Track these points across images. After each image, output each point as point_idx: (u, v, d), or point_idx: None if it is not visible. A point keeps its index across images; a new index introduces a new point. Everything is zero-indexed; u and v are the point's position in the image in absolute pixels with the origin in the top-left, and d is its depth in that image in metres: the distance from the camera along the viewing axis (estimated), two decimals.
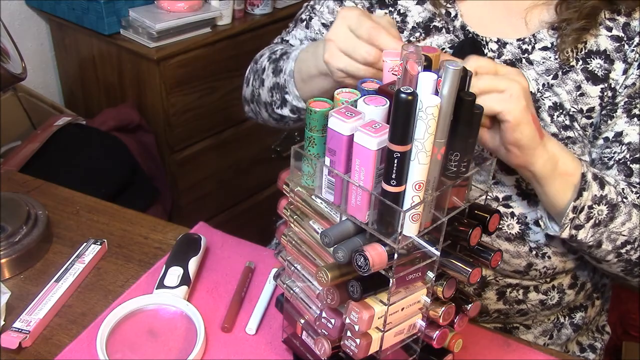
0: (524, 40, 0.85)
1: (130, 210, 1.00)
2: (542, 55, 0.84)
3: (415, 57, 0.55)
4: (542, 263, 0.87)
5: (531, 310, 0.92)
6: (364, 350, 0.61)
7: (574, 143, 0.84)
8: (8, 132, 1.68)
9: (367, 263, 0.56)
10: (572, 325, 0.96)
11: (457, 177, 0.60)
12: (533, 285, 0.90)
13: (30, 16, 1.84)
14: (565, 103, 0.83)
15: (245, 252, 0.92)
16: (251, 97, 1.02)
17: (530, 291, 0.90)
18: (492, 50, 0.86)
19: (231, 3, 1.80)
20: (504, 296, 0.90)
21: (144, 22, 1.65)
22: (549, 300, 0.91)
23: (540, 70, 0.84)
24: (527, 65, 0.85)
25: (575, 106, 0.83)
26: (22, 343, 0.76)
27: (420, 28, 0.90)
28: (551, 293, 0.91)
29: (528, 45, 0.85)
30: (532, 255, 0.87)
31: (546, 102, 0.84)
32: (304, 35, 1.01)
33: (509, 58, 0.85)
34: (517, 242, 0.86)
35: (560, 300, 0.92)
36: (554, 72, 0.84)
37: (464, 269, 0.62)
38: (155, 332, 0.77)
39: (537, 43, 0.85)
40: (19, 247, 0.87)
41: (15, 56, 0.88)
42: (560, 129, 0.83)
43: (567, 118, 0.83)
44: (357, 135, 0.56)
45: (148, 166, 1.75)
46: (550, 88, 0.84)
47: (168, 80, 1.68)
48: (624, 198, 0.79)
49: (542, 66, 0.84)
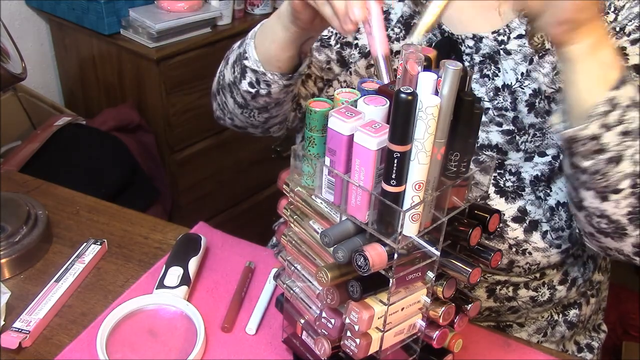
0: (498, 32, 0.86)
1: (130, 210, 1.00)
2: (518, 43, 0.85)
3: (415, 57, 0.55)
4: (523, 259, 0.87)
5: (522, 307, 0.92)
6: (364, 350, 0.61)
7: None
8: (8, 132, 1.68)
9: (367, 263, 0.56)
10: (566, 322, 0.96)
11: (457, 177, 0.60)
12: (523, 282, 0.90)
13: (30, 16, 1.84)
14: (542, 86, 0.84)
15: (245, 252, 0.92)
16: (217, 87, 0.99)
17: (520, 288, 0.91)
18: (469, 46, 0.87)
19: (231, 3, 1.80)
20: (493, 294, 0.91)
21: (144, 22, 1.65)
22: (540, 296, 0.91)
23: (518, 58, 0.85)
24: (505, 56, 0.85)
25: (553, 86, 0.84)
26: (22, 343, 0.76)
27: (401, 24, 0.91)
28: (541, 289, 0.91)
29: (504, 36, 0.85)
30: (512, 253, 0.87)
31: (526, 90, 0.84)
32: None
33: (487, 52, 0.86)
34: (496, 240, 0.86)
35: (552, 296, 0.92)
36: (529, 57, 0.85)
37: (464, 269, 0.62)
38: (155, 332, 0.77)
39: (512, 32, 0.85)
40: (19, 247, 0.87)
41: (15, 56, 0.88)
42: (543, 115, 0.84)
43: (546, 102, 0.84)
44: (357, 135, 0.56)
45: (148, 166, 1.75)
46: (528, 76, 0.85)
47: (168, 80, 1.68)
48: None
49: (520, 54, 0.85)
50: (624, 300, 1.61)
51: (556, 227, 0.87)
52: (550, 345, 0.97)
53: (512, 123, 0.85)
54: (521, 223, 0.86)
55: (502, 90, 0.85)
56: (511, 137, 0.85)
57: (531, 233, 0.86)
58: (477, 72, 0.86)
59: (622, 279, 1.58)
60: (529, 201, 0.86)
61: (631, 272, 1.90)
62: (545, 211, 0.87)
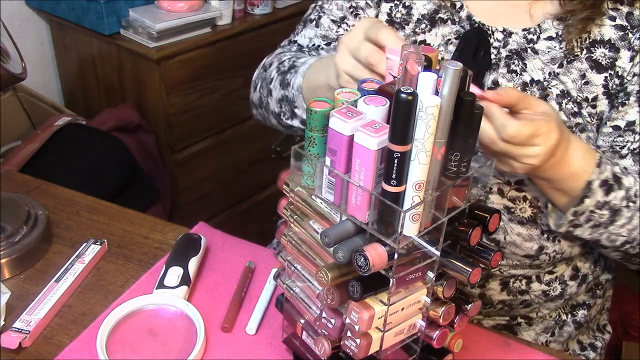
0: (529, 31, 0.87)
1: (130, 210, 1.00)
2: (547, 45, 0.86)
3: (415, 57, 0.55)
4: (552, 247, 0.88)
5: (534, 302, 0.93)
6: (364, 350, 0.61)
7: (582, 131, 0.85)
8: (8, 132, 1.68)
9: (367, 263, 0.56)
10: (574, 322, 0.97)
11: (457, 177, 0.60)
12: (535, 275, 0.91)
13: (30, 16, 1.84)
14: (572, 91, 0.85)
15: (245, 252, 0.92)
16: (259, 103, 1.03)
17: (533, 281, 0.91)
18: (498, 39, 0.87)
19: (231, 3, 1.80)
20: (507, 286, 0.91)
21: (144, 22, 1.65)
22: (552, 291, 0.92)
23: (545, 59, 0.86)
24: (533, 55, 0.86)
25: (581, 94, 0.85)
26: (22, 343, 0.76)
27: (426, 20, 0.92)
28: (553, 284, 0.92)
29: (533, 35, 0.87)
30: (544, 238, 0.87)
31: (553, 90, 0.85)
32: (313, 34, 1.01)
33: (514, 48, 0.87)
34: (530, 225, 0.87)
35: (563, 291, 0.92)
36: (559, 61, 0.86)
37: (464, 269, 0.62)
38: (155, 332, 0.77)
39: (542, 33, 0.87)
40: (19, 247, 0.87)
41: (15, 56, 0.88)
42: (569, 116, 0.85)
43: (575, 105, 0.85)
44: (357, 135, 0.56)
45: (148, 166, 1.75)
46: (556, 77, 0.85)
47: (168, 80, 1.68)
48: (632, 202, 0.79)
49: (548, 55, 0.86)
50: (624, 300, 1.61)
51: None
52: (556, 345, 0.97)
53: None
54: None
55: (530, 85, 0.86)
56: None
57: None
58: (503, 67, 0.87)
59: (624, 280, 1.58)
60: None
61: (633, 273, 1.90)
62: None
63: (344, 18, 0.99)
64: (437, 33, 0.90)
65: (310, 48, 1.02)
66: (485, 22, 0.88)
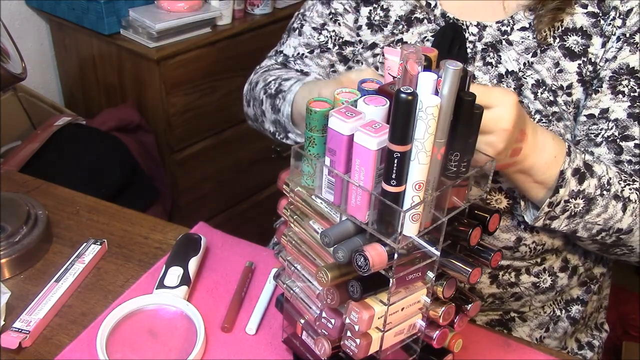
0: (502, 23, 0.88)
1: (130, 210, 1.00)
2: (521, 35, 0.87)
3: (415, 57, 0.55)
4: (530, 237, 0.88)
5: (525, 294, 0.93)
6: (364, 350, 0.61)
7: (559, 120, 0.86)
8: (8, 132, 1.68)
9: (367, 263, 0.56)
10: (569, 318, 0.97)
11: (457, 177, 0.60)
12: (524, 267, 0.91)
13: (30, 16, 1.84)
14: (547, 79, 0.86)
15: (245, 252, 0.92)
16: (254, 119, 1.06)
17: (522, 273, 0.91)
18: (473, 33, 0.89)
19: (231, 3, 1.80)
20: (496, 279, 0.91)
21: (144, 22, 1.65)
22: (542, 283, 0.92)
23: (520, 49, 0.87)
24: (507, 46, 0.87)
25: (556, 83, 0.86)
26: (22, 343, 0.76)
27: (403, 21, 0.93)
28: (543, 275, 0.92)
29: (507, 27, 0.88)
30: (521, 229, 0.88)
31: (529, 80, 0.86)
32: (297, 43, 1.04)
33: (489, 40, 0.88)
34: (506, 216, 0.87)
35: (554, 283, 0.93)
36: (532, 50, 0.87)
37: (464, 269, 0.62)
38: (155, 332, 0.77)
39: (516, 24, 0.88)
40: (19, 247, 0.87)
41: (15, 56, 0.88)
42: (545, 105, 0.86)
43: (550, 94, 0.86)
44: (357, 135, 0.56)
45: (148, 166, 1.75)
46: (531, 66, 0.86)
47: (168, 80, 1.68)
48: (605, 191, 0.80)
49: (522, 45, 0.87)
50: (624, 300, 1.61)
51: None
52: (551, 342, 0.97)
53: None
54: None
55: (505, 76, 0.87)
56: None
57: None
58: (479, 60, 0.88)
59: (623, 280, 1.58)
60: None
61: (631, 273, 1.90)
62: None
63: (324, 24, 1.01)
64: (413, 32, 0.92)
65: (295, 57, 1.04)
66: (460, 18, 0.90)
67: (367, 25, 0.96)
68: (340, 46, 1.00)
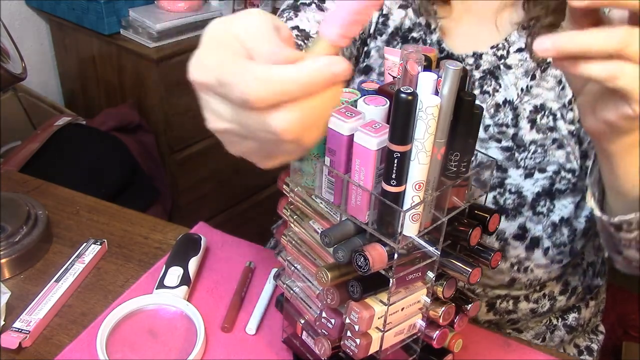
0: (497, 47, 0.84)
1: (130, 210, 1.00)
2: (519, 58, 0.83)
3: (415, 57, 0.55)
4: (525, 277, 0.86)
5: (522, 319, 0.92)
6: (364, 350, 0.61)
7: (560, 147, 0.82)
8: (8, 132, 1.68)
9: (367, 263, 0.56)
10: (565, 326, 0.96)
11: (457, 177, 0.60)
12: (523, 295, 0.90)
13: (30, 16, 1.84)
14: (548, 102, 0.82)
15: (245, 252, 0.92)
16: None
17: (521, 301, 0.90)
18: (469, 64, 0.85)
19: (231, 3, 1.80)
20: (494, 307, 0.90)
21: (144, 22, 1.65)
22: (540, 308, 0.91)
23: (519, 73, 0.83)
24: (506, 71, 0.84)
25: (559, 101, 0.82)
26: (22, 343, 0.76)
27: (399, 36, 0.89)
28: (542, 301, 0.91)
29: (503, 51, 0.84)
30: (514, 271, 0.86)
31: (526, 107, 0.83)
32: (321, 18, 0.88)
33: (487, 67, 0.84)
34: None
35: (552, 306, 0.92)
36: (531, 72, 0.83)
37: (464, 269, 0.62)
38: (155, 332, 0.77)
39: (511, 46, 0.84)
40: (19, 247, 0.87)
41: (15, 56, 0.88)
42: (545, 131, 0.82)
43: (550, 119, 0.82)
44: (357, 135, 0.56)
45: (148, 166, 1.75)
46: (529, 91, 0.83)
47: (168, 80, 1.68)
48: None
49: (521, 68, 0.83)
50: (623, 301, 1.61)
51: (558, 243, 0.86)
52: None
53: (512, 139, 0.84)
54: (522, 241, 0.85)
55: (503, 106, 0.84)
56: (510, 154, 0.84)
57: (532, 250, 0.85)
58: (477, 88, 0.85)
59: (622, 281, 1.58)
60: (528, 218, 0.85)
61: None
62: (546, 227, 0.85)
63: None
64: None
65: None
66: (455, 48, 0.85)
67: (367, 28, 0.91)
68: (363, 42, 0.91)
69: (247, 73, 0.43)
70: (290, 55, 0.44)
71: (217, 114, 0.49)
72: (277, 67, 0.42)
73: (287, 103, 0.42)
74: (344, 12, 0.46)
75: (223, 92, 0.46)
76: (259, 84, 0.42)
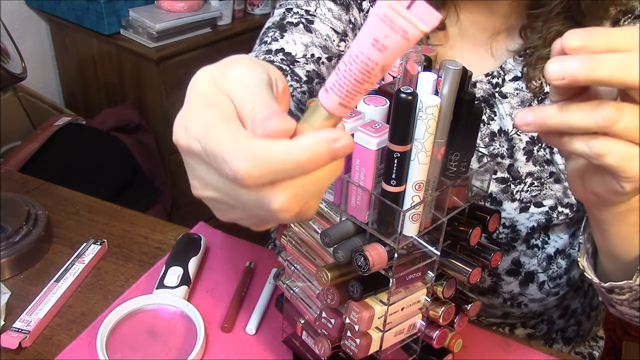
0: (492, 75, 0.81)
1: (130, 210, 1.00)
2: (514, 87, 0.80)
3: (415, 57, 0.55)
4: (519, 311, 0.85)
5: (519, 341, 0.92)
6: (364, 350, 0.61)
7: (557, 181, 0.80)
8: (8, 132, 1.68)
9: (367, 263, 0.56)
10: (563, 339, 0.95)
11: (457, 177, 0.60)
12: (520, 322, 0.89)
13: (30, 16, 1.84)
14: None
15: (245, 252, 0.92)
16: None
17: (517, 327, 0.89)
18: None
19: (231, 3, 1.80)
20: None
21: (144, 22, 1.65)
22: (537, 332, 0.90)
23: (515, 102, 0.80)
24: (501, 100, 0.80)
25: None
26: (22, 343, 0.76)
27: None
28: (540, 326, 0.90)
29: (498, 79, 0.80)
30: (507, 306, 0.85)
31: (523, 138, 0.79)
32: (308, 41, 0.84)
33: (482, 95, 0.81)
34: (490, 295, 0.84)
35: (549, 330, 0.91)
36: (528, 102, 0.79)
37: (464, 269, 0.62)
38: (155, 332, 0.77)
39: (507, 74, 0.80)
40: (19, 247, 0.87)
41: (15, 56, 0.88)
42: (542, 164, 0.79)
43: (547, 151, 0.79)
44: (357, 135, 0.55)
45: (148, 166, 1.75)
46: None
47: (168, 80, 1.69)
48: None
49: (517, 98, 0.79)
50: None
51: (554, 276, 0.84)
52: None
53: (507, 171, 0.81)
54: (516, 276, 0.83)
55: (498, 135, 0.81)
56: (506, 186, 0.81)
57: (527, 285, 0.83)
58: None
59: None
60: (522, 252, 0.83)
61: None
62: (541, 260, 0.83)
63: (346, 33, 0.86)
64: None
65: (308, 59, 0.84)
66: None
67: None
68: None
69: (239, 148, 0.37)
70: (287, 126, 0.38)
71: (204, 183, 0.43)
72: (272, 143, 0.37)
73: (282, 182, 0.38)
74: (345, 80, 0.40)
75: (211, 163, 0.40)
76: (252, 163, 0.36)
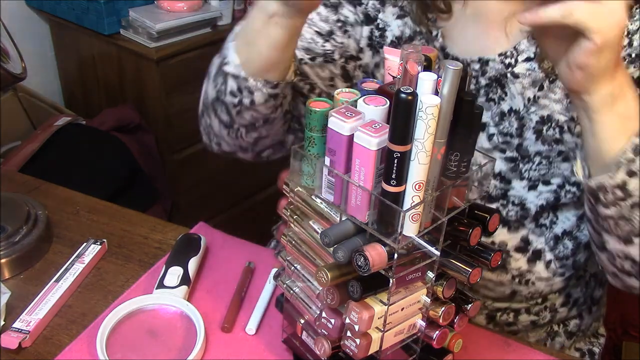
0: (505, 55, 0.81)
1: (130, 210, 1.00)
2: (527, 67, 0.80)
3: (415, 57, 0.55)
4: (526, 289, 0.86)
5: (522, 330, 0.92)
6: (364, 350, 0.61)
7: (565, 159, 0.81)
8: (8, 132, 1.68)
9: (367, 263, 0.56)
10: (565, 332, 0.96)
11: (457, 177, 0.60)
12: (524, 308, 0.89)
13: (30, 16, 1.84)
14: (555, 114, 0.80)
15: (245, 252, 0.92)
16: (201, 108, 0.97)
17: (521, 313, 0.90)
18: (475, 70, 0.82)
19: (231, 3, 1.80)
20: (493, 320, 0.90)
21: (144, 22, 1.65)
22: (541, 319, 0.91)
23: (527, 83, 0.80)
24: (513, 80, 0.81)
25: (567, 114, 0.80)
26: (22, 343, 0.76)
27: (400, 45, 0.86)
28: (543, 313, 0.90)
29: (511, 59, 0.81)
30: (515, 283, 0.86)
31: (532, 117, 0.81)
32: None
33: (493, 74, 0.82)
34: (499, 271, 0.85)
35: (552, 318, 0.91)
36: (539, 82, 0.80)
37: (464, 269, 0.62)
38: (155, 332, 0.77)
39: (520, 55, 0.80)
40: (19, 247, 0.87)
41: (15, 56, 0.88)
42: (551, 143, 0.81)
43: (556, 131, 0.80)
44: (357, 135, 0.56)
45: (148, 166, 1.75)
46: (536, 102, 0.80)
47: (168, 80, 1.68)
48: None
49: (529, 78, 0.80)
50: (624, 300, 1.60)
51: (560, 256, 0.85)
52: None
53: (516, 150, 0.82)
54: (524, 253, 0.85)
55: (508, 115, 0.82)
56: (515, 165, 0.82)
57: (534, 263, 0.84)
58: (482, 96, 0.82)
59: None
60: (530, 230, 0.84)
61: None
62: (548, 240, 0.85)
63: (332, 32, 0.89)
64: None
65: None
66: (460, 53, 0.82)
67: (369, 46, 0.88)
68: (346, 59, 0.89)
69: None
70: None
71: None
72: None
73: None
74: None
75: None
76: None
